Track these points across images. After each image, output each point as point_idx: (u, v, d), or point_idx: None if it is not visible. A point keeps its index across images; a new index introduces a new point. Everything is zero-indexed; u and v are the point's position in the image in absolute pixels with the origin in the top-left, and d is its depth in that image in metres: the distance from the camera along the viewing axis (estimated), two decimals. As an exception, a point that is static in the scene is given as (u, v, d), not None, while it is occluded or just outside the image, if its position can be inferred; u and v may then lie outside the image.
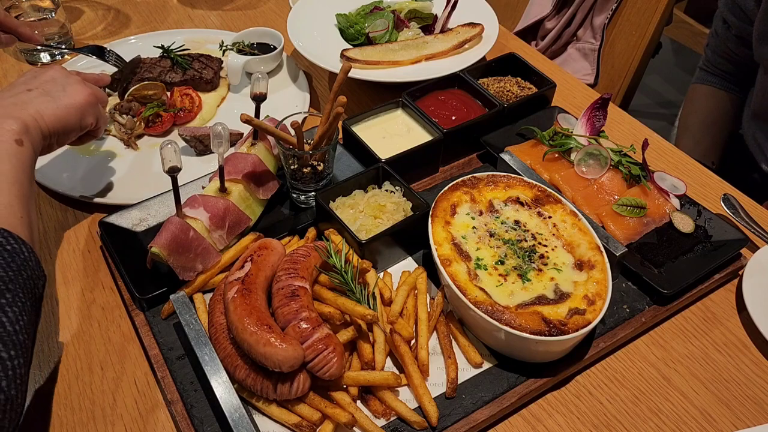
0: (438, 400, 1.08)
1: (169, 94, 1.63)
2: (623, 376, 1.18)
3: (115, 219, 1.31)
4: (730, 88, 2.04)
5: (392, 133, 1.50)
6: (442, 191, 1.27)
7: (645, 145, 1.40)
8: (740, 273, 1.32)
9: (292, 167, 1.32)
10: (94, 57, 1.71)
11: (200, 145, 1.51)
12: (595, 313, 1.10)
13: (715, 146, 2.03)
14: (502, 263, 1.18)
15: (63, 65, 1.77)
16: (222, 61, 1.75)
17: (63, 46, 1.83)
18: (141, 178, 1.47)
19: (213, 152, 1.48)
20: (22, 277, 0.94)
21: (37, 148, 1.12)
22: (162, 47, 1.73)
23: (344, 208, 1.31)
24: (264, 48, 1.79)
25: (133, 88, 1.59)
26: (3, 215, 0.99)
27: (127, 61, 1.72)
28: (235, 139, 1.51)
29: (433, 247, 1.17)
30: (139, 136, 1.57)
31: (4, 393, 0.85)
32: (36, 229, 1.07)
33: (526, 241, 1.22)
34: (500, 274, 1.16)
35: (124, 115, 1.55)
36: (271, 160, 1.37)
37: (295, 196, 1.38)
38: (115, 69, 1.70)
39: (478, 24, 1.77)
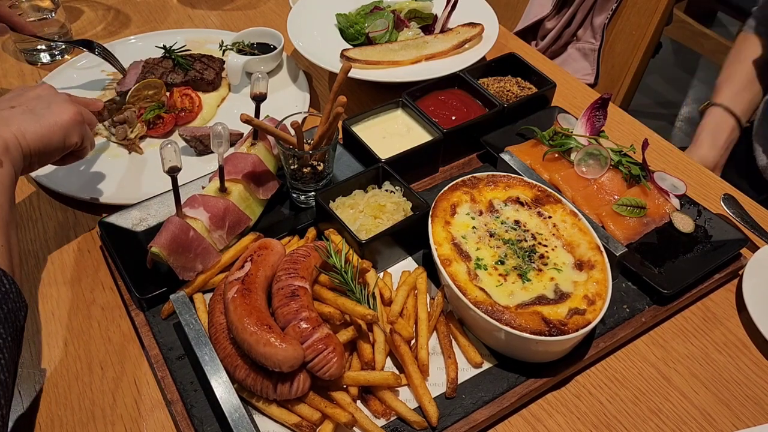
0: (438, 400, 1.08)
1: (168, 95, 1.63)
2: (623, 376, 1.18)
3: (115, 219, 1.31)
4: None
5: (392, 133, 1.50)
6: (442, 191, 1.27)
7: (645, 145, 1.40)
8: (740, 273, 1.32)
9: (292, 167, 1.32)
10: (86, 51, 1.70)
11: (200, 145, 1.51)
12: (595, 313, 1.10)
13: (752, 104, 1.95)
14: (502, 263, 1.18)
15: (63, 66, 1.77)
16: (223, 62, 1.75)
17: (57, 37, 1.81)
18: (141, 178, 1.47)
19: (213, 152, 1.48)
20: (3, 311, 0.90)
21: (18, 168, 1.07)
22: (164, 48, 1.73)
23: (344, 208, 1.31)
24: (264, 48, 1.79)
25: (133, 88, 1.59)
26: None
27: (117, 59, 1.72)
28: (235, 139, 1.51)
29: (433, 247, 1.17)
30: (141, 138, 1.57)
31: None
32: (17, 255, 1.02)
33: (526, 241, 1.22)
34: (500, 274, 1.16)
35: (118, 126, 1.54)
36: (271, 160, 1.37)
37: (295, 196, 1.38)
38: (105, 62, 1.69)
39: (478, 24, 1.77)
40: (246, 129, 1.50)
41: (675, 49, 4.18)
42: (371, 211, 1.29)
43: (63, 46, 1.84)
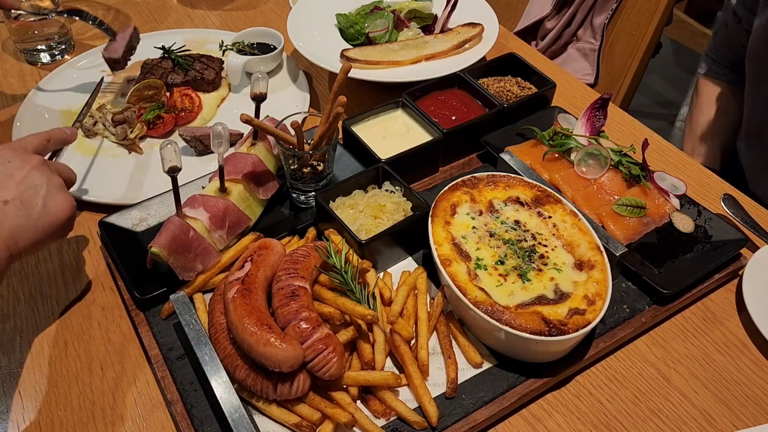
0: (438, 400, 1.08)
1: (168, 95, 1.63)
2: (623, 376, 1.18)
3: (115, 219, 1.31)
4: (738, 82, 1.97)
5: (392, 133, 1.50)
6: (442, 191, 1.27)
7: (645, 145, 1.40)
8: (740, 273, 1.32)
9: (292, 167, 1.32)
10: (78, 19, 1.67)
11: (200, 145, 1.51)
12: (595, 313, 1.10)
13: (723, 150, 1.99)
14: (502, 263, 1.18)
15: (63, 66, 1.77)
16: (223, 62, 1.75)
17: (52, 16, 1.77)
18: (141, 178, 1.47)
19: (213, 152, 1.48)
20: None
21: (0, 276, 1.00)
22: (163, 48, 1.73)
23: (344, 208, 1.31)
24: (264, 48, 1.79)
25: (133, 88, 1.59)
26: None
27: (109, 26, 1.66)
28: (235, 139, 1.51)
29: (433, 247, 1.17)
30: (141, 138, 1.57)
31: None
32: None
33: (526, 241, 1.22)
34: (500, 274, 1.16)
35: (117, 127, 1.54)
36: (271, 160, 1.37)
37: (295, 196, 1.38)
38: (105, 63, 1.67)
39: (478, 24, 1.77)
40: (246, 129, 1.50)
41: (675, 49, 4.17)
42: (371, 211, 1.29)
43: (63, 47, 1.84)
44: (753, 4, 1.78)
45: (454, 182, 1.30)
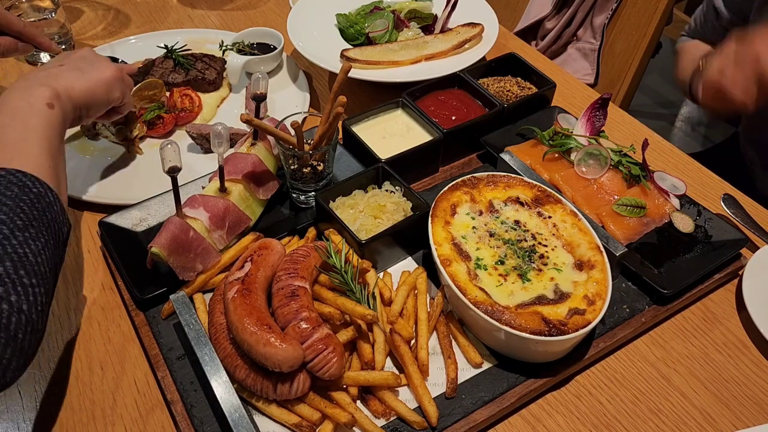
0: (438, 400, 1.08)
1: (168, 94, 1.63)
2: (623, 376, 1.18)
3: (115, 219, 1.31)
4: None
5: (392, 133, 1.50)
6: (442, 191, 1.27)
7: (645, 145, 1.40)
8: (740, 273, 1.32)
9: (292, 167, 1.32)
10: None
11: (206, 143, 1.51)
12: (595, 313, 1.10)
13: None
14: (502, 263, 1.18)
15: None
16: (225, 61, 1.75)
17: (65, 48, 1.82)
18: (141, 178, 1.47)
19: (215, 151, 1.48)
20: (46, 218, 0.99)
21: (67, 116, 1.17)
22: (166, 47, 1.73)
23: (344, 208, 1.31)
24: (264, 48, 1.79)
25: (134, 89, 1.59)
26: (31, 163, 1.03)
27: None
28: (237, 138, 1.51)
29: (433, 247, 1.17)
30: (141, 138, 1.57)
31: (25, 315, 0.89)
32: (65, 185, 1.12)
33: (526, 241, 1.22)
34: (500, 274, 1.16)
35: (117, 127, 1.53)
36: (271, 160, 1.37)
37: (295, 196, 1.38)
38: None
39: (478, 24, 1.77)
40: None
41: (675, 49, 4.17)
42: (371, 211, 1.29)
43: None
44: (737, 7, 1.75)
45: (454, 182, 1.30)
